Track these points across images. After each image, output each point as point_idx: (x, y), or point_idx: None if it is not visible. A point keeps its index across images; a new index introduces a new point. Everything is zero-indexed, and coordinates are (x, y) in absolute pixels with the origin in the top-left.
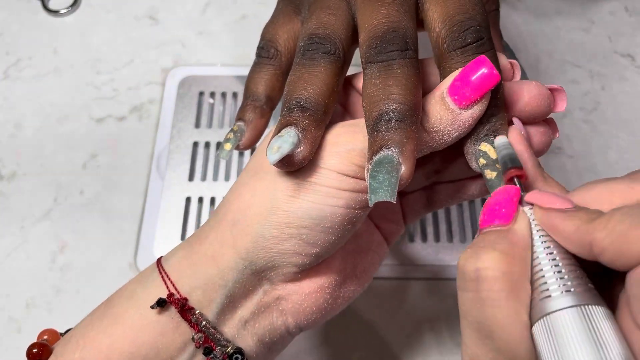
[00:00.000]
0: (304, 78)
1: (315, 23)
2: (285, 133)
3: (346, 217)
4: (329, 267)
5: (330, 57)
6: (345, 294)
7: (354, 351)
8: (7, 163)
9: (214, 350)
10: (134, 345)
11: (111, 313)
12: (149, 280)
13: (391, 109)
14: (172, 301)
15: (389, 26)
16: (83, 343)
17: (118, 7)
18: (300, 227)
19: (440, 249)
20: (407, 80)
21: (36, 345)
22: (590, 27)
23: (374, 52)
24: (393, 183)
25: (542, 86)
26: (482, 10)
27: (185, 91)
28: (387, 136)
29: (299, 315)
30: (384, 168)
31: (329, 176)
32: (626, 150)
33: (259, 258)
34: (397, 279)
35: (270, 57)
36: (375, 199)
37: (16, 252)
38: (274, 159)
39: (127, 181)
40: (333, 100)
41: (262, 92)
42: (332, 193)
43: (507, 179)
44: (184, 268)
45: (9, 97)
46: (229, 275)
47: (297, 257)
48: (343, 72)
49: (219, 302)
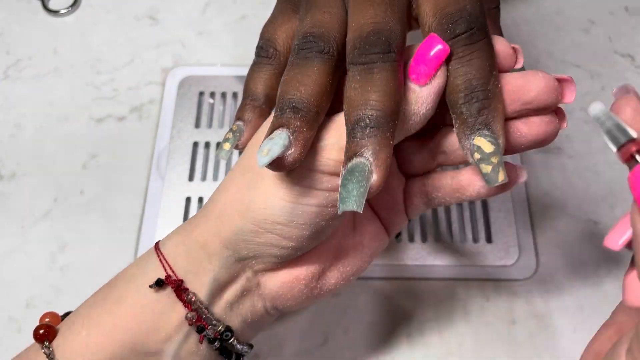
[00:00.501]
0: (297, 78)
1: (310, 22)
2: (277, 135)
3: (319, 215)
4: (308, 260)
5: (324, 56)
6: (324, 285)
7: (354, 351)
8: (7, 163)
9: (206, 329)
10: (136, 323)
11: (114, 294)
12: (147, 264)
13: (367, 115)
14: (169, 282)
15: (373, 27)
16: (89, 321)
17: (118, 7)
18: (275, 222)
19: (440, 249)
20: (386, 86)
21: (42, 326)
22: (590, 27)
23: (357, 53)
24: (362, 193)
25: (549, 77)
26: (479, 4)
27: (185, 91)
28: (362, 143)
29: (275, 300)
30: (354, 177)
31: (303, 174)
32: None
33: (241, 249)
34: (397, 279)
35: (269, 57)
36: (343, 208)
37: (16, 252)
38: (264, 162)
39: (127, 181)
40: (326, 100)
41: (261, 92)
42: (305, 192)
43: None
44: (179, 252)
45: (9, 97)
46: (216, 262)
47: (274, 249)
48: (338, 71)
49: (208, 286)
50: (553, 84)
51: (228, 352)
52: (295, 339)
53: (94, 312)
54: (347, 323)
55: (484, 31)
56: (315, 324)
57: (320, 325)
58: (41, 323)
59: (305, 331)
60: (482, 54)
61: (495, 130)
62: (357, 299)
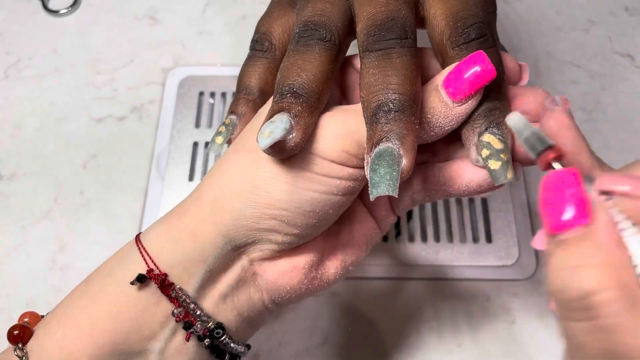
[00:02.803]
0: (298, 64)
1: (311, 10)
2: (278, 119)
3: (328, 202)
4: (307, 249)
5: (325, 44)
6: (324, 276)
7: (354, 351)
8: (7, 163)
9: (194, 325)
10: (115, 322)
11: (91, 291)
12: (127, 257)
13: (390, 99)
14: (152, 277)
15: (387, 15)
16: (64, 322)
17: (118, 7)
18: (281, 209)
19: (440, 249)
20: (407, 70)
21: (17, 327)
22: (590, 27)
23: (373, 40)
24: (395, 177)
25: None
26: (484, 8)
27: (185, 91)
28: (386, 127)
29: (273, 292)
30: (384, 161)
31: (313, 161)
32: (626, 150)
33: (239, 235)
34: (397, 279)
35: (264, 51)
36: (377, 193)
37: (16, 252)
38: (266, 144)
39: (127, 181)
40: (327, 87)
41: (255, 86)
42: (315, 179)
43: (544, 165)
44: (164, 243)
45: (9, 97)
46: (208, 251)
47: (277, 236)
48: (338, 61)
49: (198, 277)
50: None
51: (221, 351)
52: (295, 339)
53: (69, 311)
54: (347, 323)
55: (493, 37)
56: (315, 324)
57: (320, 325)
58: (17, 323)
59: (305, 331)
60: (495, 59)
61: (504, 130)
62: (357, 299)
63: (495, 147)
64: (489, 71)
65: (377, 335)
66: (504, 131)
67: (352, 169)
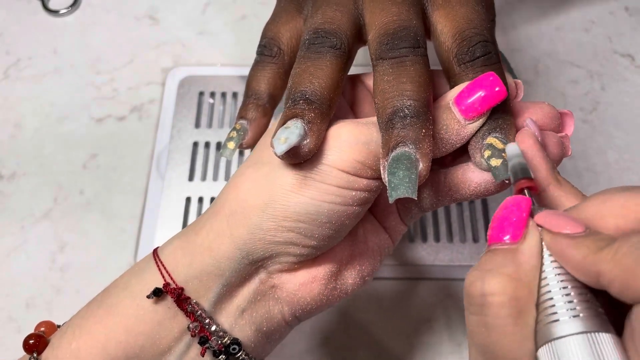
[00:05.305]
0: (310, 71)
1: (322, 18)
2: (292, 124)
3: (344, 213)
4: (325, 259)
5: (336, 51)
6: (342, 286)
7: (354, 351)
8: (7, 163)
9: (209, 340)
10: (130, 335)
11: (107, 303)
12: (144, 271)
13: (406, 105)
14: (168, 291)
15: (400, 24)
16: (79, 333)
17: (118, 7)
18: (298, 221)
19: (440, 249)
20: (420, 77)
21: (33, 336)
22: (590, 27)
23: (386, 48)
24: (413, 179)
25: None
26: (488, 26)
27: (185, 91)
28: (402, 133)
29: (293, 304)
30: (402, 164)
31: (328, 173)
32: (626, 150)
33: (256, 248)
34: (397, 279)
35: (272, 56)
36: (396, 195)
37: (16, 252)
38: (282, 150)
39: (127, 181)
40: (337, 95)
41: (265, 91)
42: (331, 190)
43: (517, 190)
44: (180, 258)
45: (9, 97)
46: (225, 265)
47: (294, 248)
48: (347, 69)
49: (215, 292)
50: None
51: None
52: (295, 339)
53: (85, 323)
54: (346, 323)
55: (498, 55)
56: (316, 324)
57: (320, 325)
58: (33, 332)
59: (305, 331)
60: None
61: (507, 135)
62: (357, 299)
63: (497, 147)
64: (500, 92)
65: (377, 335)
66: (506, 135)
67: (367, 180)
